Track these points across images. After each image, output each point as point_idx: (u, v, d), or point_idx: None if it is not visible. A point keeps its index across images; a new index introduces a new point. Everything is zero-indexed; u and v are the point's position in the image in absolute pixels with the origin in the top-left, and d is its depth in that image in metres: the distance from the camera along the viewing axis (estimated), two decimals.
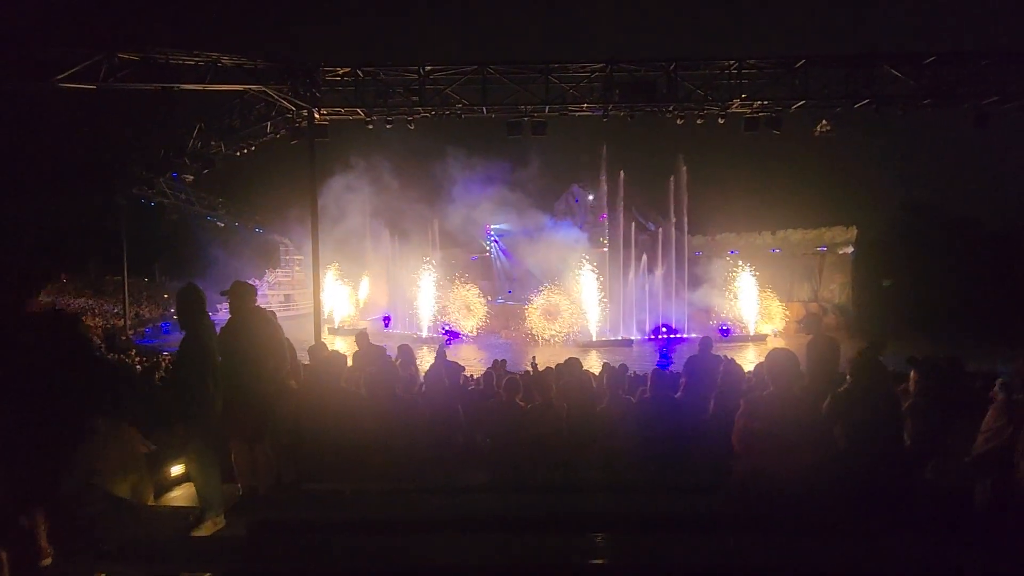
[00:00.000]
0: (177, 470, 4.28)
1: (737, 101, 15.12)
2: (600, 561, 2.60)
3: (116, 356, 13.53)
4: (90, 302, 33.20)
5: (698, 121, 15.74)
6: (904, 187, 41.25)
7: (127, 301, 26.03)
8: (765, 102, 15.32)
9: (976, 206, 36.79)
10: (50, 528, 2.82)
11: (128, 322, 25.90)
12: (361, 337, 6.55)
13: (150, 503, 3.91)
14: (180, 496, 4.15)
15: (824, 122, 15.87)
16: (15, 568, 2.56)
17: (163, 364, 9.44)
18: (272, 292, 36.22)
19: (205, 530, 3.38)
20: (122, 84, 13.42)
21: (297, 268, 37.41)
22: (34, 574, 2.59)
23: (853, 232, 30.93)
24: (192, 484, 4.15)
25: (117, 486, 3.75)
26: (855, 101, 15.11)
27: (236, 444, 3.96)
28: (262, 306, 4.19)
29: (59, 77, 12.84)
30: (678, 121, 15.79)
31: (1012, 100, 14.83)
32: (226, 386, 3.64)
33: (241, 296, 3.98)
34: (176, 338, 3.79)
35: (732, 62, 15.05)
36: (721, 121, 15.67)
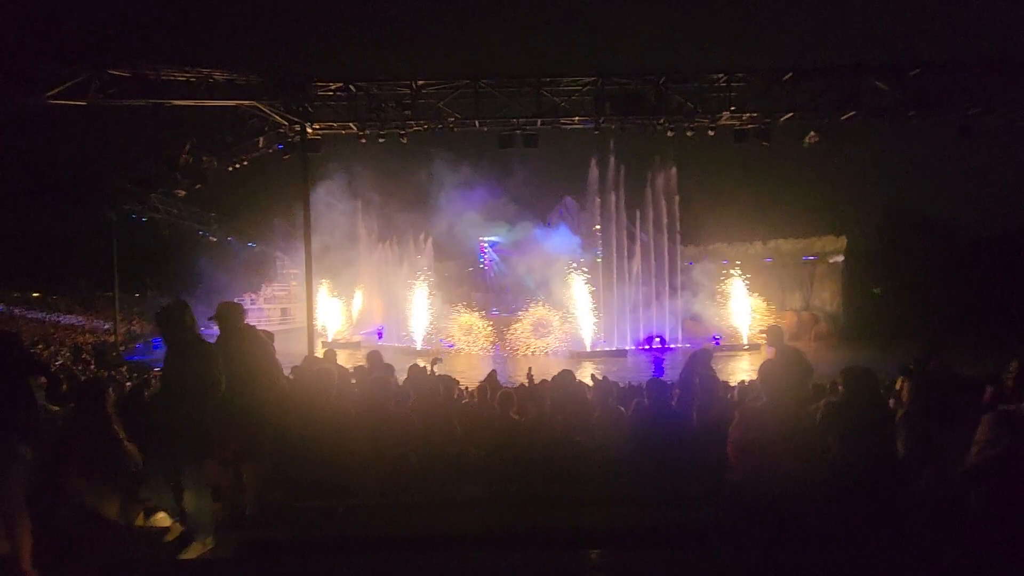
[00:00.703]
0: None
1: (726, 113, 15.29)
2: None
3: (106, 373, 13.38)
4: (80, 319, 32.89)
5: (688, 133, 15.92)
6: (892, 196, 41.85)
7: (117, 317, 25.77)
8: (754, 114, 15.53)
9: (963, 214, 37.34)
10: (35, 550, 2.76)
11: (119, 338, 25.64)
12: (329, 354, 6.54)
13: (138, 523, 3.84)
14: (169, 517, 4.07)
15: (812, 133, 16.09)
16: None
17: (153, 381, 9.32)
18: (268, 306, 36.12)
19: (193, 552, 3.31)
20: (113, 100, 13.40)
21: (294, 282, 37.26)
22: None
23: (843, 241, 31.23)
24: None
25: (104, 506, 3.68)
26: (842, 112, 15.33)
27: (221, 463, 3.90)
28: (253, 325, 4.16)
29: (49, 94, 12.80)
30: (668, 133, 15.95)
31: (995, 111, 15.10)
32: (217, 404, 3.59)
33: (230, 316, 3.95)
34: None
35: (721, 75, 15.25)
36: (711, 133, 15.84)
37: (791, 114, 15.39)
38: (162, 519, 4.05)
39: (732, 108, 15.26)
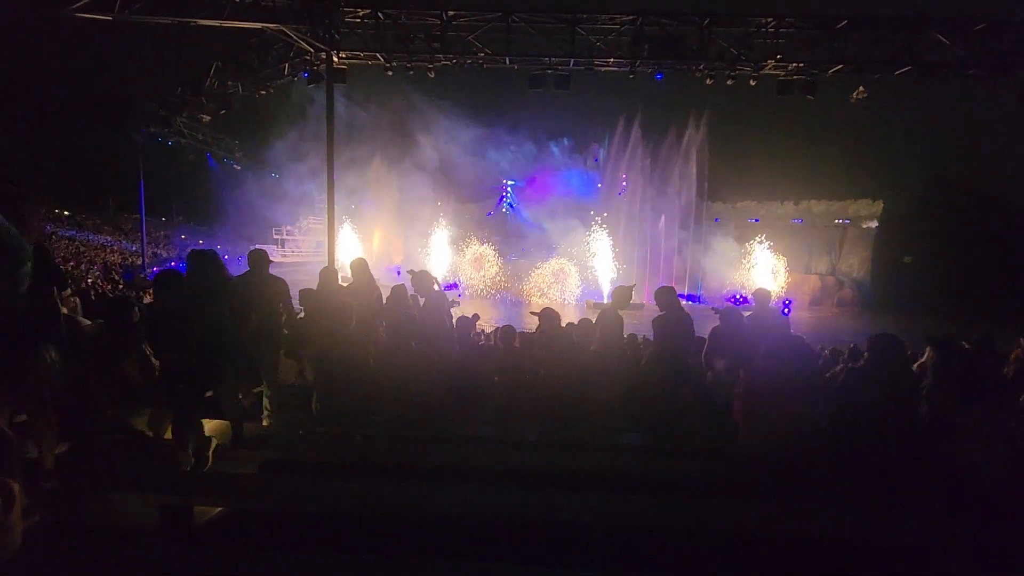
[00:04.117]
0: None
1: (771, 62, 14.45)
2: (589, 518, 2.63)
3: (134, 294, 13.79)
4: (110, 238, 33.72)
5: (728, 82, 15.12)
6: (936, 163, 39.83)
7: (144, 240, 26.27)
8: (800, 64, 14.63)
9: (1011, 187, 35.35)
10: (65, 459, 2.89)
11: (146, 260, 26.23)
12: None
13: (167, 436, 4.01)
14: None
15: (861, 88, 15.18)
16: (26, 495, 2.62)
17: None
18: (303, 238, 36.77)
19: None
20: (138, 16, 13.12)
21: None
22: (44, 501, 2.64)
23: (879, 206, 30.16)
24: (210, 420, 4.27)
25: (135, 418, 3.85)
26: (896, 67, 14.39)
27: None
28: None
29: (74, 6, 12.57)
30: (707, 81, 15.18)
31: None
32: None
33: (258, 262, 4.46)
34: None
35: (770, 20, 14.31)
36: (753, 83, 15.02)
37: (840, 66, 14.48)
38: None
39: (778, 56, 14.39)
